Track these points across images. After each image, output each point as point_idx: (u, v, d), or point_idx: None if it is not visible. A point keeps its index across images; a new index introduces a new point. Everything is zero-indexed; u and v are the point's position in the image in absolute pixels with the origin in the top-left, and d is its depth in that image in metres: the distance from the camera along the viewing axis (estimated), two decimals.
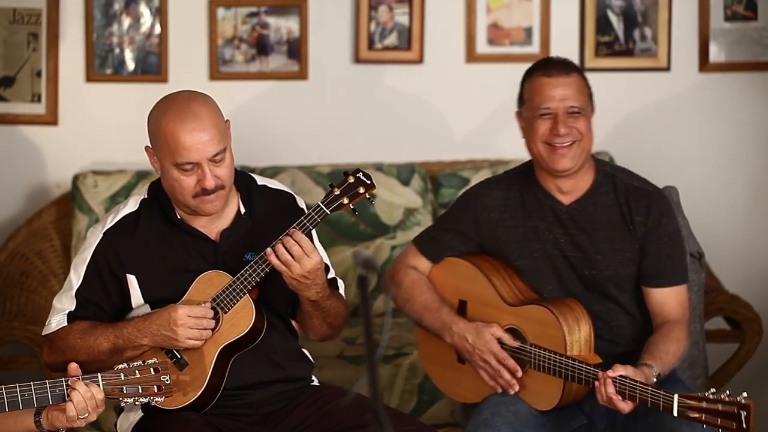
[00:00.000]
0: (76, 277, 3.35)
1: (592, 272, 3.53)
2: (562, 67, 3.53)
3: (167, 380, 3.05)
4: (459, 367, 3.64)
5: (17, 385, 2.96)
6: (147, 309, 3.33)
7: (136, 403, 3.08)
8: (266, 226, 3.35)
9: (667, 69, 5.26)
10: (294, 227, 3.26)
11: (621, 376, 3.27)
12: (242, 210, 3.39)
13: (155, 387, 3.05)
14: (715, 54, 5.27)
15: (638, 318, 3.58)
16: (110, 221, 3.36)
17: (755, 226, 5.35)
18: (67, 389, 2.97)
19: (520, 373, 3.47)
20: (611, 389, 3.27)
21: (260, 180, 3.47)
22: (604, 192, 3.54)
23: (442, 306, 3.60)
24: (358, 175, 3.33)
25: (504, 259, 3.59)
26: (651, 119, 5.29)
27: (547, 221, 3.55)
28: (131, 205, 3.39)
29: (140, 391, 3.04)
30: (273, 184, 3.49)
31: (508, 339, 3.49)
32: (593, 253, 3.52)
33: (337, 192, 3.30)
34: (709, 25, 5.25)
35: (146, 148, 3.34)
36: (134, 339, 3.26)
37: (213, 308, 3.28)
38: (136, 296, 3.33)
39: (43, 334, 3.38)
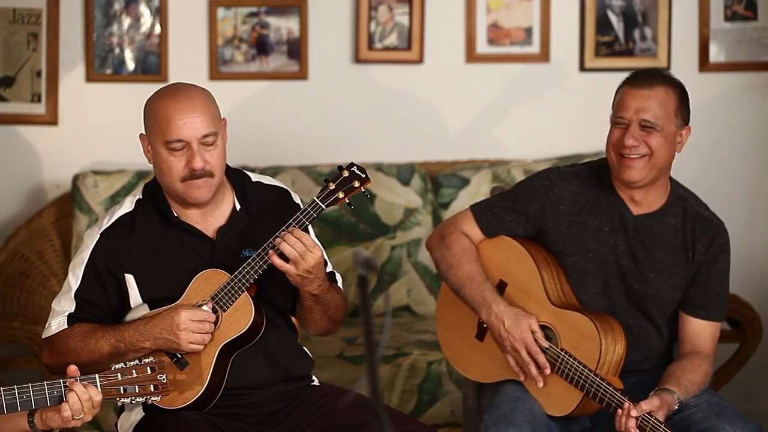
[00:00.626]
0: (74, 279, 3.34)
1: (642, 287, 3.50)
2: (649, 78, 3.45)
3: (164, 379, 3.05)
4: (475, 343, 3.61)
5: (15, 387, 2.96)
6: (145, 309, 3.33)
7: (133, 402, 3.09)
8: (262, 222, 3.35)
9: (667, 69, 5.25)
10: (291, 224, 3.26)
11: (647, 413, 3.27)
12: (237, 206, 3.39)
13: (152, 386, 3.05)
14: (715, 54, 5.27)
15: (667, 340, 3.56)
16: (106, 222, 3.36)
17: (755, 226, 5.35)
18: (65, 390, 2.97)
19: (548, 371, 3.43)
20: (632, 423, 3.27)
21: (254, 177, 3.47)
22: (673, 213, 3.51)
23: (486, 281, 3.55)
24: (352, 169, 3.32)
25: (557, 254, 3.55)
26: None
27: (612, 225, 3.50)
28: (127, 206, 3.39)
29: (137, 391, 3.04)
30: (267, 180, 3.49)
31: (540, 336, 3.46)
32: (648, 270, 3.49)
33: (332, 186, 3.30)
34: (709, 25, 5.25)
35: (140, 135, 3.35)
36: (136, 342, 3.26)
37: (213, 308, 3.28)
38: (135, 296, 3.33)
39: (43, 337, 3.37)
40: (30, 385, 2.96)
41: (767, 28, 5.27)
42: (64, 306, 3.34)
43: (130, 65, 5.09)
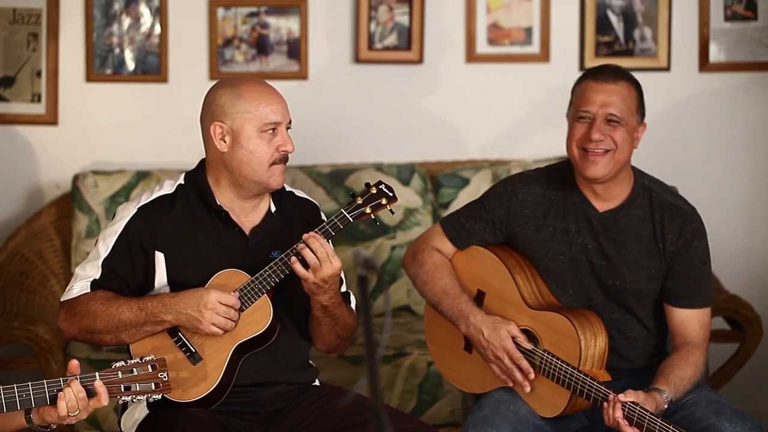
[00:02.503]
0: (104, 248, 3.35)
1: (615, 283, 3.50)
2: (612, 73, 3.47)
3: (165, 377, 3.05)
4: (464, 356, 3.62)
5: (15, 385, 2.96)
6: (167, 291, 3.34)
7: (135, 400, 3.09)
8: (293, 229, 3.39)
9: (667, 69, 5.26)
10: (316, 231, 3.28)
11: (632, 402, 3.26)
12: (273, 209, 3.43)
13: (153, 384, 3.04)
14: (715, 54, 5.27)
15: (654, 332, 3.56)
16: (146, 198, 3.39)
17: (755, 226, 5.35)
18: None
19: (532, 375, 3.44)
20: (619, 413, 3.26)
21: (287, 187, 3.52)
22: (639, 205, 3.50)
23: (461, 294, 3.57)
24: (380, 186, 3.37)
25: (529, 258, 3.56)
26: (651, 119, 5.26)
27: (578, 224, 3.51)
28: (167, 188, 3.41)
29: (138, 389, 3.03)
30: (299, 192, 3.56)
31: (522, 340, 3.47)
32: (619, 265, 3.49)
33: (359, 201, 3.34)
34: (709, 25, 5.25)
35: (213, 125, 3.33)
36: (158, 314, 3.27)
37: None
38: (161, 275, 3.35)
39: (62, 299, 3.37)
40: (30, 383, 2.96)
41: (767, 28, 5.27)
42: (89, 272, 3.35)
43: (130, 65, 5.09)
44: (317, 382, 3.51)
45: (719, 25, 5.26)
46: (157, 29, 5.08)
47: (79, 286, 3.34)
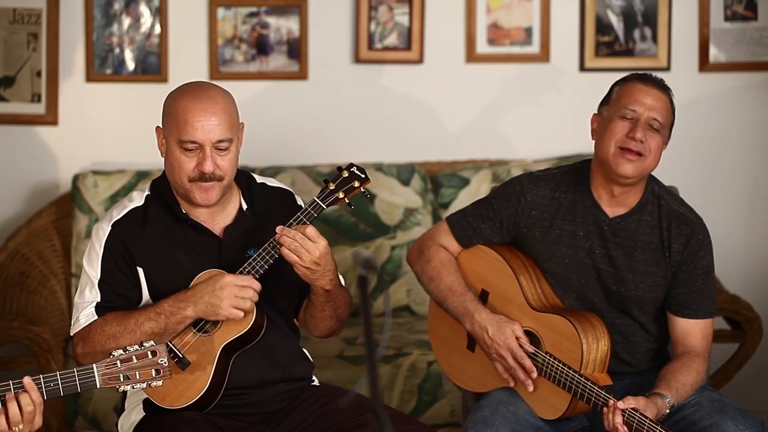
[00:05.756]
0: (93, 271, 3.32)
1: (620, 289, 3.49)
2: (659, 82, 3.48)
3: (164, 362, 3.04)
4: (467, 354, 3.62)
5: None
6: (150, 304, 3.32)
7: (134, 387, 3.06)
8: (268, 223, 3.35)
9: (667, 69, 5.26)
10: (292, 223, 3.26)
11: (632, 408, 3.26)
12: (244, 206, 3.39)
13: (153, 371, 3.03)
14: (715, 54, 5.27)
15: (656, 336, 3.56)
16: (117, 214, 3.35)
17: (755, 226, 5.35)
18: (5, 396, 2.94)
19: (535, 374, 3.44)
20: (619, 419, 3.26)
21: (259, 178, 3.48)
22: (649, 211, 3.49)
23: (467, 292, 3.56)
24: (351, 169, 3.33)
25: (534, 259, 3.56)
26: None
27: (587, 229, 3.50)
28: (137, 200, 3.38)
29: (138, 377, 3.02)
30: (271, 182, 3.50)
31: (525, 341, 3.46)
32: (626, 271, 3.48)
33: (332, 187, 3.31)
34: (709, 25, 5.25)
35: (156, 128, 3.34)
36: (176, 312, 3.23)
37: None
38: (144, 290, 3.33)
39: (72, 333, 3.33)
40: None
41: (767, 28, 5.27)
42: (88, 298, 3.31)
43: (130, 65, 5.09)
44: (316, 381, 3.51)
45: (719, 25, 5.26)
46: (157, 29, 5.08)
47: (85, 314, 3.30)
